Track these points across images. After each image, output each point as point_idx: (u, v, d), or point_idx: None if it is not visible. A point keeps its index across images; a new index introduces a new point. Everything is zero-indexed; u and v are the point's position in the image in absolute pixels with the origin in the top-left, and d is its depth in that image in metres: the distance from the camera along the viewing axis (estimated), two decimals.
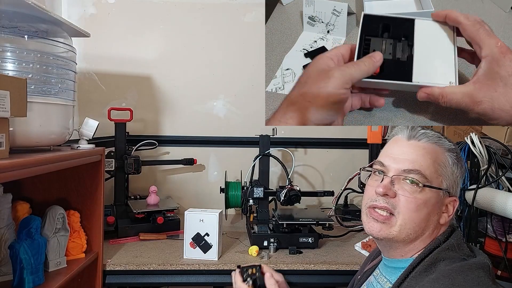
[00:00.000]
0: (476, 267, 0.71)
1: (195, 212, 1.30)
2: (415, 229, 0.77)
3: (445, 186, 0.79)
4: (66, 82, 1.13)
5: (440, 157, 0.80)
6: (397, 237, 0.78)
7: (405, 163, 0.79)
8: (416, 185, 0.77)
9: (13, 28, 1.00)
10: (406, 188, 0.78)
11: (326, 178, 2.00)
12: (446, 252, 0.75)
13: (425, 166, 0.78)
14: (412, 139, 0.82)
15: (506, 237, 1.21)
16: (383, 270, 0.87)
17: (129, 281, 1.26)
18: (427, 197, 0.77)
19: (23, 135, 0.99)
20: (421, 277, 0.72)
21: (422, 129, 0.83)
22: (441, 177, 0.79)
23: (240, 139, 1.91)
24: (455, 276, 0.68)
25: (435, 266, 0.73)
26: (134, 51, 1.88)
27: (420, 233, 0.78)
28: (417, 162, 0.79)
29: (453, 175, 0.80)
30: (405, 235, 0.78)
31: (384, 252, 0.87)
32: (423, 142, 0.81)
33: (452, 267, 0.71)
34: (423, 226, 0.78)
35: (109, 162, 1.54)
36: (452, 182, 0.80)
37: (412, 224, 0.77)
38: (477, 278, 0.68)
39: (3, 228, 1.00)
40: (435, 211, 0.79)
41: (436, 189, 0.78)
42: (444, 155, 0.80)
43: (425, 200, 0.77)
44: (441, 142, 0.81)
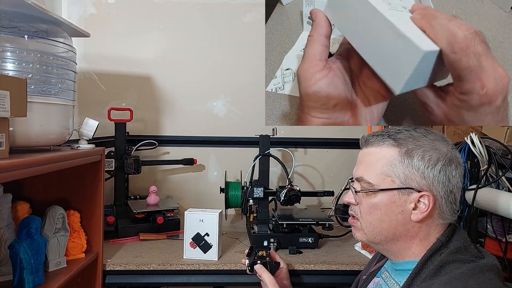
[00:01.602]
0: (486, 269, 0.71)
1: (195, 212, 1.30)
2: (378, 230, 0.81)
3: (399, 184, 0.77)
4: (66, 82, 1.13)
5: (384, 156, 0.79)
6: (369, 239, 0.83)
7: (355, 172, 0.86)
8: (360, 191, 0.82)
9: (13, 28, 1.00)
10: (358, 195, 0.83)
11: (326, 178, 2.00)
12: (455, 255, 0.74)
13: (367, 171, 0.81)
14: (363, 148, 0.86)
15: (506, 237, 1.21)
16: (392, 272, 0.87)
17: (129, 281, 1.26)
18: (377, 200, 0.80)
19: (23, 135, 0.99)
20: (431, 280, 0.72)
21: (374, 135, 0.83)
22: (389, 177, 0.78)
23: (240, 139, 1.91)
24: (467, 279, 0.68)
25: (444, 269, 0.72)
26: (134, 51, 1.88)
27: (391, 234, 0.80)
28: (360, 170, 0.84)
29: (408, 169, 0.76)
30: (373, 236, 0.82)
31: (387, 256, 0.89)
32: (368, 148, 0.84)
33: (463, 270, 0.70)
34: (385, 226, 0.80)
35: (109, 162, 1.54)
36: (413, 177, 0.76)
37: (371, 227, 0.82)
38: (489, 281, 0.68)
39: (3, 228, 1.00)
40: (394, 211, 0.78)
41: (383, 190, 0.78)
42: (389, 153, 0.79)
43: (375, 203, 0.80)
44: (385, 142, 0.80)
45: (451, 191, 0.77)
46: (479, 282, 0.67)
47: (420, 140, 0.78)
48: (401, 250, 0.82)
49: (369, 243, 0.85)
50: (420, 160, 0.76)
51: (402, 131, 0.81)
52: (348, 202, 0.87)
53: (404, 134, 0.80)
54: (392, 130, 0.82)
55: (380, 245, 0.84)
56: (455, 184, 0.78)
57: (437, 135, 0.80)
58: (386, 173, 0.79)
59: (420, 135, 0.79)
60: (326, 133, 1.95)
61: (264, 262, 1.11)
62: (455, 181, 0.77)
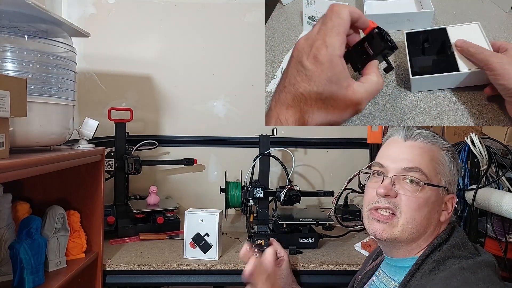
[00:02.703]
0: (484, 265, 0.72)
1: (195, 212, 1.30)
2: (417, 228, 0.78)
3: (444, 183, 0.81)
4: (66, 82, 1.13)
5: (437, 155, 0.81)
6: (400, 237, 0.79)
7: (404, 162, 0.80)
8: (416, 183, 0.78)
9: (13, 28, 1.00)
10: (407, 188, 0.79)
11: (326, 178, 2.00)
12: (453, 250, 0.76)
13: (424, 165, 0.80)
14: (409, 140, 0.83)
15: (506, 237, 1.21)
16: (386, 269, 0.87)
17: (129, 281, 1.26)
18: (428, 195, 0.78)
19: (23, 135, 0.99)
20: (430, 275, 0.72)
21: (418, 129, 0.84)
22: (439, 175, 0.81)
23: (240, 139, 1.91)
24: (466, 274, 0.69)
25: (443, 264, 0.73)
26: (134, 51, 1.88)
27: (423, 232, 0.79)
28: (416, 160, 0.80)
29: (450, 172, 0.82)
30: (408, 234, 0.78)
31: (387, 252, 0.87)
32: (420, 141, 0.82)
33: (462, 265, 0.71)
34: (424, 224, 0.79)
35: (109, 162, 1.54)
36: (450, 180, 0.82)
37: (414, 223, 0.78)
38: (487, 276, 0.69)
39: (3, 228, 1.00)
40: (436, 209, 0.80)
41: (436, 187, 0.79)
42: (440, 153, 0.82)
43: (426, 199, 0.78)
44: (436, 141, 0.83)
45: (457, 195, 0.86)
46: (478, 277, 0.69)
47: (452, 149, 0.85)
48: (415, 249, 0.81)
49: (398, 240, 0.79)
50: (457, 166, 0.84)
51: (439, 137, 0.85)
52: (386, 194, 0.79)
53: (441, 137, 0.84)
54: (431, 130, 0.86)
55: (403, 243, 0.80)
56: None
57: None
58: (437, 170, 0.81)
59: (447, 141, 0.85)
60: (326, 133, 1.95)
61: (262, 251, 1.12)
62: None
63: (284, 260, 1.19)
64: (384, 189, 0.79)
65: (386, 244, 0.84)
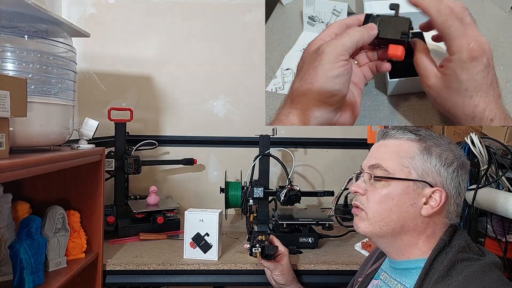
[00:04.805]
0: (494, 267, 0.73)
1: (195, 212, 1.30)
2: (386, 221, 0.80)
3: (416, 176, 0.79)
4: (66, 82, 1.13)
5: (405, 149, 0.81)
6: (373, 231, 0.82)
7: (370, 160, 0.85)
8: (375, 179, 0.82)
9: (13, 28, 1.00)
10: (371, 183, 0.83)
11: (326, 178, 2.00)
12: (461, 254, 0.76)
13: (386, 160, 0.82)
14: (381, 139, 0.87)
15: (506, 237, 1.21)
16: (391, 273, 0.87)
17: (129, 281, 1.26)
18: (392, 189, 0.80)
19: (23, 135, 0.99)
20: (444, 281, 0.72)
21: (394, 129, 0.85)
22: (407, 168, 0.80)
23: (240, 139, 1.91)
24: (482, 277, 0.70)
25: (454, 268, 0.73)
26: (134, 51, 1.88)
27: (400, 226, 0.80)
28: (378, 157, 0.84)
29: (426, 164, 0.79)
30: (379, 227, 0.81)
31: (387, 254, 0.88)
32: (388, 139, 0.85)
33: (475, 269, 0.72)
34: (394, 217, 0.80)
35: (109, 162, 1.53)
36: (429, 172, 0.79)
37: (380, 216, 0.81)
38: (500, 278, 0.71)
39: (3, 228, 1.00)
40: (407, 203, 0.79)
41: (399, 179, 0.80)
42: (409, 146, 0.81)
43: (388, 192, 0.80)
44: (407, 136, 0.83)
45: (459, 194, 0.81)
46: (492, 279, 0.70)
47: (438, 140, 0.82)
48: (407, 246, 0.82)
49: (373, 235, 0.83)
50: (438, 157, 0.79)
51: (421, 129, 0.84)
52: (355, 192, 0.86)
53: (424, 132, 0.83)
54: (410, 127, 0.86)
55: (385, 239, 0.83)
56: (463, 187, 0.81)
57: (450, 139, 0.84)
58: (404, 164, 0.80)
59: (438, 135, 0.83)
60: (326, 133, 1.95)
61: (262, 246, 1.14)
62: (463, 185, 0.81)
63: (285, 256, 1.20)
64: (353, 187, 0.86)
65: (377, 244, 0.87)
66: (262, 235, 1.19)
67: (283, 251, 1.21)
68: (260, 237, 1.19)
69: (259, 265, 1.24)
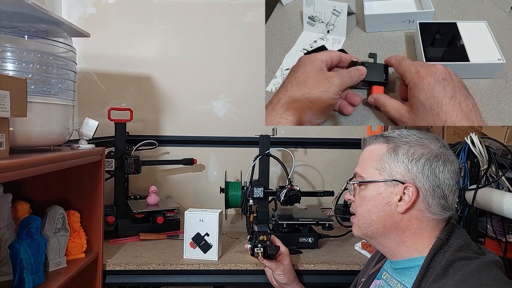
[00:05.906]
0: (493, 265, 0.73)
1: (195, 212, 1.30)
2: (368, 222, 0.85)
3: (387, 176, 0.83)
4: (66, 82, 1.13)
5: (376, 153, 0.86)
6: (363, 234, 0.88)
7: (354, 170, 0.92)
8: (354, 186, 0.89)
9: (13, 28, 1.00)
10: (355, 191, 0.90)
11: (326, 178, 2.00)
12: (459, 253, 0.75)
13: (362, 166, 0.89)
14: (362, 148, 0.93)
15: (506, 237, 1.22)
16: (392, 273, 0.88)
17: (129, 281, 1.26)
18: (368, 192, 0.85)
19: (23, 135, 0.99)
20: (441, 280, 0.72)
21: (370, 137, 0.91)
22: (378, 170, 0.84)
23: (240, 139, 1.91)
24: (479, 276, 0.70)
25: (451, 267, 0.73)
26: (134, 51, 1.88)
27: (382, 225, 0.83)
28: (358, 165, 0.91)
29: (393, 163, 0.82)
30: (365, 229, 0.87)
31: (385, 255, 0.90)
32: (365, 147, 0.91)
33: (473, 267, 0.72)
34: (374, 218, 0.84)
35: (109, 162, 1.53)
36: (398, 170, 0.82)
37: (363, 219, 0.87)
38: (498, 276, 0.70)
39: (3, 228, 1.00)
40: (382, 202, 0.83)
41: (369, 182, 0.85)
42: (378, 149, 0.86)
43: (365, 195, 0.86)
44: (377, 140, 0.88)
45: (438, 186, 0.80)
46: (490, 278, 0.69)
47: (408, 138, 0.84)
48: (396, 245, 0.84)
49: (365, 237, 0.89)
50: (405, 154, 0.82)
51: (395, 131, 0.88)
52: (348, 199, 0.93)
53: (396, 133, 0.87)
54: (389, 131, 0.91)
55: (375, 240, 0.87)
56: (443, 179, 0.80)
57: (430, 135, 0.85)
58: (375, 167, 0.85)
59: (411, 134, 0.86)
60: (326, 133, 1.95)
61: (264, 246, 1.15)
62: (443, 177, 0.80)
63: (286, 256, 1.20)
64: (346, 196, 0.94)
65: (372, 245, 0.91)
66: (263, 235, 1.20)
67: (284, 251, 1.22)
68: (262, 237, 1.19)
69: (259, 265, 1.24)
